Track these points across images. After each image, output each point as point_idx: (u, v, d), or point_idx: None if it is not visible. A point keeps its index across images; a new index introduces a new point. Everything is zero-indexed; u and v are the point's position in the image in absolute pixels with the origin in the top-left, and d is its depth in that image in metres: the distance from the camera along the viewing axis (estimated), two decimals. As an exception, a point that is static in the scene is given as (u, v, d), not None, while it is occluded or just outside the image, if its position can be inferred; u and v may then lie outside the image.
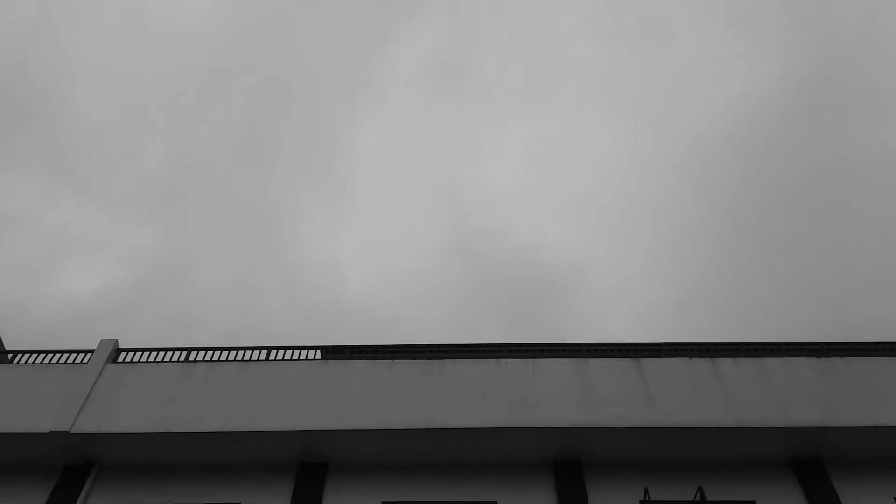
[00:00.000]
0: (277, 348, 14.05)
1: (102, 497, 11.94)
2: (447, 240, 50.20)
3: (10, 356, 14.03)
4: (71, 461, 12.50)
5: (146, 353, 13.88)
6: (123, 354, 13.86)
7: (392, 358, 13.87)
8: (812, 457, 12.48)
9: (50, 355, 13.77)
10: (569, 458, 12.63)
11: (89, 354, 13.69)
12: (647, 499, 11.56)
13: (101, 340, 13.91)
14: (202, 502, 11.52)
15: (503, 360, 13.66)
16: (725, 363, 13.36)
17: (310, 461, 12.59)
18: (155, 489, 12.12)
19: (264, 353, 13.99)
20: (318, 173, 50.63)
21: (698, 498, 11.36)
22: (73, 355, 13.74)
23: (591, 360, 13.63)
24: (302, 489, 12.20)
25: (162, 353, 13.88)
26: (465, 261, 49.66)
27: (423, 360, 13.66)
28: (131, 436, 12.27)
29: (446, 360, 13.71)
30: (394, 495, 11.86)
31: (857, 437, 12.21)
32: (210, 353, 13.89)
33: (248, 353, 13.96)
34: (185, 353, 13.85)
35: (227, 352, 13.92)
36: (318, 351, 14.23)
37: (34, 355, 13.82)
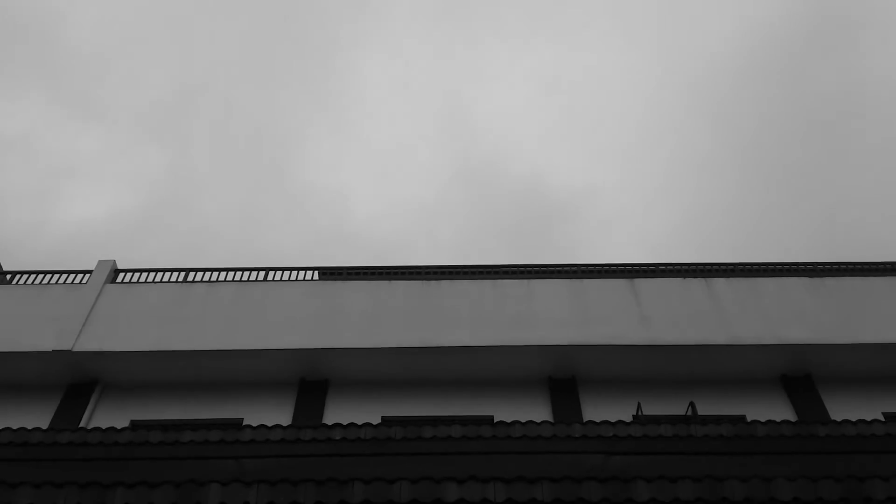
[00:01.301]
0: (275, 269, 14.15)
1: (107, 414, 12.16)
2: (453, 166, 49.83)
3: (8, 277, 14.09)
4: (75, 380, 12.69)
5: (145, 274, 13.96)
6: (122, 275, 13.94)
7: (389, 278, 14.02)
8: (802, 373, 12.79)
9: (48, 276, 13.83)
10: (564, 375, 12.90)
11: (87, 275, 13.75)
12: (639, 413, 11.87)
13: (99, 261, 13.96)
14: (206, 418, 11.75)
15: (500, 281, 13.83)
16: (719, 283, 13.56)
17: (310, 379, 12.83)
18: (159, 406, 12.36)
19: (262, 273, 14.11)
20: (323, 98, 49.80)
21: (690, 412, 11.67)
22: (72, 276, 13.80)
23: (586, 281, 13.81)
24: (303, 406, 12.46)
25: (160, 274, 13.96)
26: (470, 187, 49.39)
27: (421, 281, 13.81)
28: (133, 354, 12.45)
29: (443, 281, 13.87)
30: (393, 411, 12.13)
31: (847, 355, 12.51)
32: (208, 274, 13.99)
33: (246, 273, 14.07)
34: (183, 274, 13.94)
35: (225, 272, 14.01)
36: (316, 272, 14.35)
37: (33, 276, 13.87)
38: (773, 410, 11.97)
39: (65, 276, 13.83)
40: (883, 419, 9.85)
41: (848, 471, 7.13)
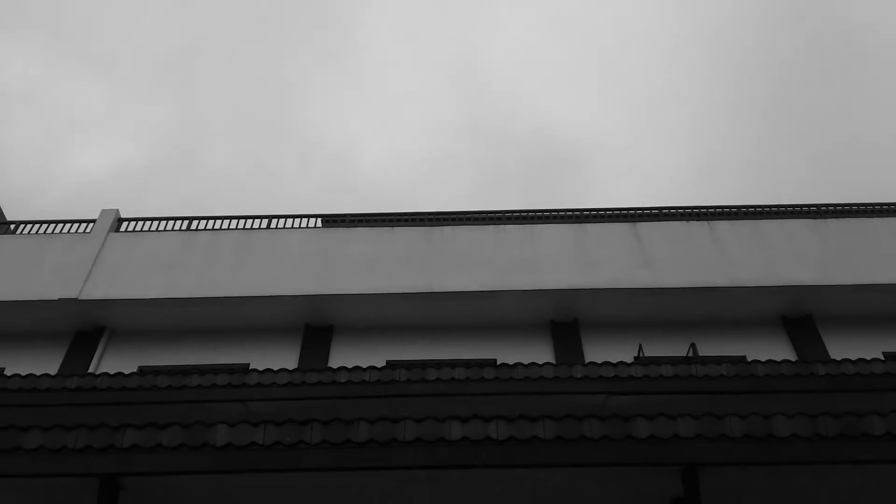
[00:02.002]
0: (278, 217, 14.15)
1: (115, 360, 12.30)
2: (462, 115, 49.35)
3: (13, 227, 14.12)
4: (82, 327, 12.81)
5: (148, 223, 13.98)
6: (125, 224, 13.96)
7: (392, 225, 14.02)
8: (803, 314, 12.84)
9: (53, 225, 13.85)
10: (566, 318, 12.98)
11: (91, 224, 13.78)
12: (640, 355, 11.97)
13: (103, 210, 13.98)
14: (213, 363, 11.89)
15: (502, 226, 13.84)
16: (722, 226, 13.56)
17: (315, 324, 12.93)
18: (166, 352, 12.49)
19: (265, 221, 14.12)
20: (330, 49, 49.13)
21: (691, 353, 11.77)
22: (76, 225, 13.82)
23: (588, 226, 13.81)
24: (308, 351, 12.58)
25: (164, 223, 13.98)
26: (480, 136, 49.01)
27: (424, 227, 13.83)
28: (138, 301, 12.55)
29: (446, 227, 13.88)
30: (397, 355, 12.24)
31: (848, 295, 12.55)
32: (212, 222, 13.99)
33: (250, 221, 14.08)
34: (186, 223, 13.96)
35: (228, 221, 14.02)
36: (319, 219, 14.35)
37: (38, 226, 13.90)
38: (774, 351, 12.05)
39: (69, 225, 13.85)
40: (883, 359, 9.90)
41: (846, 409, 7.20)
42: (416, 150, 48.54)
